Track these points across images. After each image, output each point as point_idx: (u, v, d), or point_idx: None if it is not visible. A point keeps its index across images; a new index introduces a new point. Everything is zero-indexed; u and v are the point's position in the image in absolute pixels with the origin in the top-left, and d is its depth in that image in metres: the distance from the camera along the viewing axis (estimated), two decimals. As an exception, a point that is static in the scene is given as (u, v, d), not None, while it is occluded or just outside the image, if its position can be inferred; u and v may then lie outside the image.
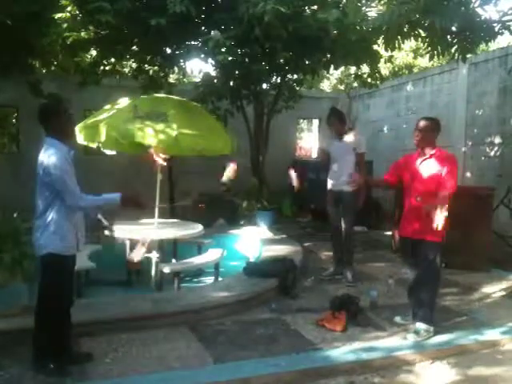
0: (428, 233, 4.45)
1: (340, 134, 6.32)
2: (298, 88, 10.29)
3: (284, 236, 8.52)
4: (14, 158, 10.95)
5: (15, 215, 4.62)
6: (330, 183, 6.42)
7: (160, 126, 5.55)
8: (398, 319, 4.85)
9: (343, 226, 6.28)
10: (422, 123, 4.63)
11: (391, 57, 10.17)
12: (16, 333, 4.06)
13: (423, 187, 4.52)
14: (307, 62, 8.70)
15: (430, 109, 10.39)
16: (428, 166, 4.54)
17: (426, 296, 4.58)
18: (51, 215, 3.59)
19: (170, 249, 6.47)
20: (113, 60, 9.80)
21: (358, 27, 6.61)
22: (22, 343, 3.96)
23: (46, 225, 3.59)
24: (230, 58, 7.37)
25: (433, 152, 4.55)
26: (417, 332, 4.51)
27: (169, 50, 8.78)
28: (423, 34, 6.58)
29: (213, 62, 8.51)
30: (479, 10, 5.91)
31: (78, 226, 3.78)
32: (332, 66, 8.93)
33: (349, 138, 6.30)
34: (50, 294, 3.68)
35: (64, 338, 3.81)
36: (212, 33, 7.09)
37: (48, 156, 3.54)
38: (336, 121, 6.34)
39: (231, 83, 9.08)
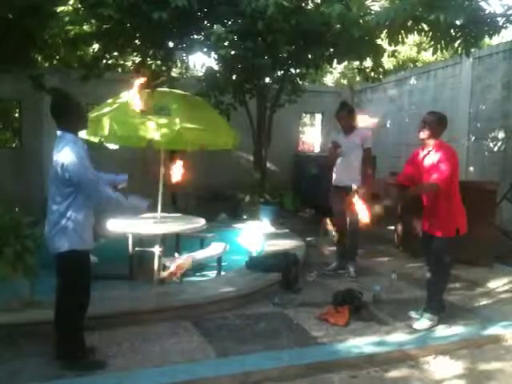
0: (438, 228, 4.52)
1: (348, 129, 6.29)
2: (300, 82, 10.25)
3: (287, 230, 8.52)
4: (17, 152, 10.95)
5: (17, 209, 4.60)
6: (335, 178, 6.40)
7: (162, 120, 5.55)
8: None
9: (348, 221, 6.27)
10: (428, 117, 4.63)
11: (394, 51, 10.13)
12: (17, 327, 4.08)
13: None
14: (310, 56, 8.66)
15: (433, 103, 10.35)
16: (429, 160, 4.56)
17: (433, 287, 4.66)
18: (71, 212, 3.55)
19: (173, 243, 6.46)
20: (115, 54, 9.77)
21: (361, 21, 6.58)
22: (24, 337, 3.97)
23: (66, 221, 3.55)
24: (232, 52, 7.34)
25: (434, 145, 4.56)
26: (421, 320, 4.57)
27: (171, 44, 8.75)
28: (427, 29, 6.54)
29: (215, 56, 8.46)
30: (483, 4, 5.89)
31: (93, 218, 3.79)
32: (335, 60, 8.90)
33: (357, 133, 6.27)
34: (71, 290, 3.67)
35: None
36: (214, 27, 7.06)
37: (67, 153, 3.47)
38: (346, 115, 6.30)
39: (234, 77, 9.04)
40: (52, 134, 3.68)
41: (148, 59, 9.57)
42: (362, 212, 4.65)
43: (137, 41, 8.87)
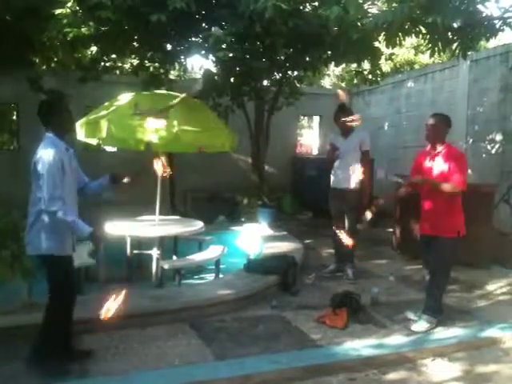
0: (440, 229, 4.55)
1: (347, 131, 6.30)
2: (298, 85, 10.27)
3: (285, 233, 8.52)
4: (15, 155, 10.94)
5: (14, 211, 4.60)
6: (333, 180, 6.41)
7: (160, 123, 5.53)
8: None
9: (346, 223, 6.28)
10: (431, 119, 4.65)
11: (392, 54, 10.15)
12: (15, 329, 4.06)
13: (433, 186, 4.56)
14: (307, 59, 8.68)
15: (430, 106, 10.36)
16: (436, 164, 4.59)
17: (433, 290, 4.67)
18: (44, 215, 3.51)
19: (171, 246, 6.46)
20: (113, 56, 9.77)
21: (359, 24, 6.59)
22: (22, 340, 3.96)
23: (42, 224, 3.53)
24: (230, 55, 7.36)
25: (440, 149, 4.59)
26: (419, 322, 4.59)
27: (169, 47, 8.76)
28: (424, 31, 6.56)
29: (213, 59, 8.49)
30: (480, 7, 5.89)
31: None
32: (332, 63, 8.91)
33: (355, 135, 6.28)
34: (53, 292, 3.66)
35: (65, 338, 3.80)
36: (213, 29, 7.07)
37: (43, 153, 3.49)
38: (344, 117, 6.30)
39: (232, 80, 9.06)
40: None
41: (146, 61, 9.58)
42: None
43: (135, 43, 8.87)
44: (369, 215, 4.77)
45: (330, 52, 8.36)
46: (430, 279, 4.70)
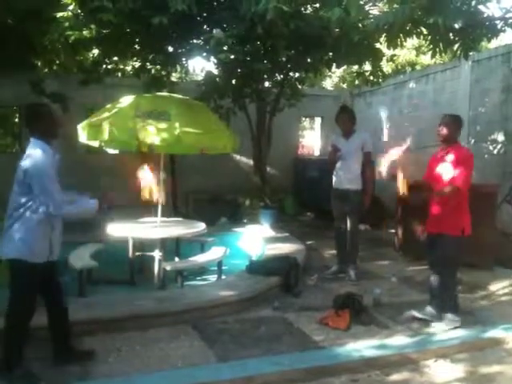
0: (446, 227, 4.57)
1: (348, 132, 6.31)
2: (300, 86, 10.27)
3: (287, 234, 8.52)
4: (17, 158, 10.96)
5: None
6: (335, 181, 6.41)
7: (162, 125, 5.54)
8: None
9: (349, 224, 6.28)
10: (444, 119, 4.67)
11: (393, 55, 10.13)
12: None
13: (440, 186, 4.57)
14: (309, 60, 8.69)
15: (432, 106, 10.36)
16: (444, 166, 4.62)
17: (443, 290, 4.68)
18: (23, 220, 3.50)
19: (173, 247, 6.47)
20: (115, 59, 9.79)
21: (360, 25, 6.59)
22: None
23: (17, 228, 3.50)
24: (231, 57, 7.36)
25: (450, 149, 4.61)
26: (443, 321, 4.64)
27: (171, 49, 8.77)
28: (425, 32, 6.56)
29: (215, 61, 8.49)
30: (482, 8, 5.89)
31: (55, 231, 3.67)
32: (334, 65, 8.92)
33: (356, 136, 6.29)
34: (16, 299, 3.58)
35: (64, 339, 3.81)
36: (214, 31, 7.07)
37: (33, 158, 3.49)
38: (345, 119, 6.33)
39: (233, 82, 9.07)
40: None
41: (148, 64, 9.60)
42: None
43: (136, 46, 8.89)
44: None
45: (331, 53, 8.36)
46: (438, 281, 4.69)
